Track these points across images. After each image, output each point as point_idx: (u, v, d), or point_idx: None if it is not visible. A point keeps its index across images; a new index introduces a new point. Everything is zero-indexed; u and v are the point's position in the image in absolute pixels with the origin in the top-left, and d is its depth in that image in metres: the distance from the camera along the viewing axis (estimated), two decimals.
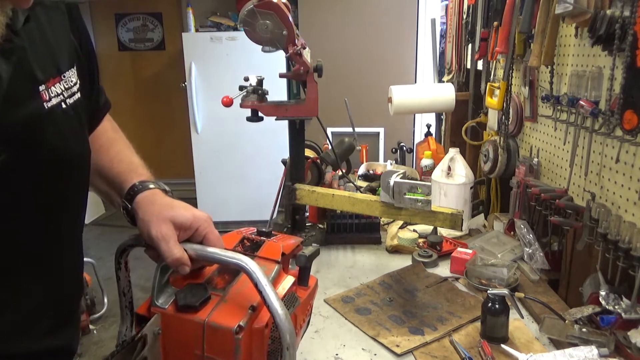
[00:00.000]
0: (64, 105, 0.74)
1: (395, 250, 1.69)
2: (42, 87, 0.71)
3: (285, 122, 1.69)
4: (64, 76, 0.75)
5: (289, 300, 0.78)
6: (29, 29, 0.69)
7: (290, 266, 0.87)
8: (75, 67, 0.78)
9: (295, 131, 1.71)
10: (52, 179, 0.74)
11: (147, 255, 0.82)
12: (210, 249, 0.77)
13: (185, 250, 0.77)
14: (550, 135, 1.62)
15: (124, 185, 0.87)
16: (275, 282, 0.77)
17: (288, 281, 0.80)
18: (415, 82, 4.20)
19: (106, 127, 0.97)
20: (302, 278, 0.85)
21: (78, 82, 0.79)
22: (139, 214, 0.82)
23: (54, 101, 0.73)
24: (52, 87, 0.73)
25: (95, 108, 0.91)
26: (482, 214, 2.01)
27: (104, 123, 0.96)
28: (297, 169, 1.74)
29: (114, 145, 0.95)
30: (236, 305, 0.73)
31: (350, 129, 2.00)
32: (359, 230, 1.78)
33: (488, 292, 1.18)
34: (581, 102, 1.29)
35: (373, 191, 2.05)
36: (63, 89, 0.75)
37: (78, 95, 0.78)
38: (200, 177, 4.60)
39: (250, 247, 0.85)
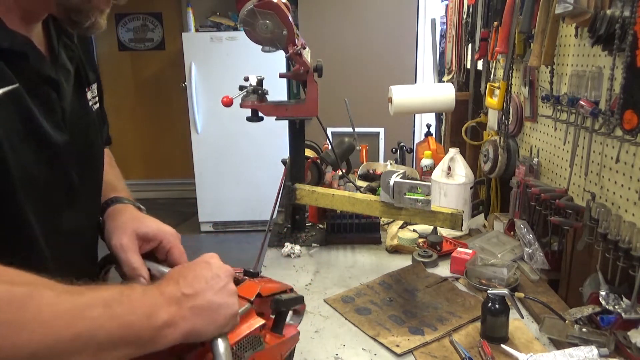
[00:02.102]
0: (94, 109, 0.88)
1: (395, 250, 1.69)
2: (86, 89, 0.85)
3: (285, 122, 1.69)
4: (92, 87, 0.88)
5: (249, 341, 0.71)
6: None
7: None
8: (96, 84, 0.91)
9: (295, 131, 1.71)
10: (89, 168, 0.84)
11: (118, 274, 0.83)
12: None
13: (149, 269, 0.75)
14: (550, 135, 1.62)
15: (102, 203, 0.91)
16: (241, 320, 0.71)
17: (256, 322, 0.73)
18: (415, 82, 4.20)
19: (105, 160, 1.02)
20: (276, 325, 0.78)
21: (97, 97, 0.91)
22: (105, 226, 0.84)
23: (90, 102, 0.86)
24: (89, 92, 0.86)
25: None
26: (482, 214, 2.01)
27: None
28: (297, 169, 1.74)
29: (106, 175, 1.00)
30: None
31: (350, 129, 2.00)
32: (359, 230, 1.78)
33: (488, 292, 1.18)
34: (581, 102, 1.29)
35: (373, 191, 2.05)
36: (92, 96, 0.87)
37: (97, 105, 0.90)
38: (200, 177, 4.60)
39: None
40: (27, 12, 0.70)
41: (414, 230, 1.77)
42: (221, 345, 0.62)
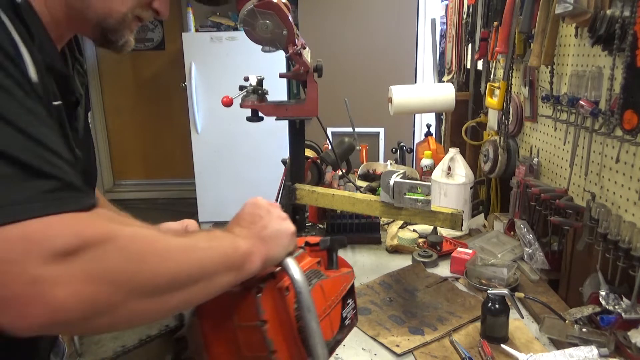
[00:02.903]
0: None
1: (395, 250, 1.69)
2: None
3: (285, 122, 1.69)
4: (88, 113, 0.92)
5: (312, 273, 0.80)
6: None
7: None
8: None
9: (295, 131, 1.71)
10: (88, 184, 0.88)
11: None
12: None
13: None
14: (550, 135, 1.62)
15: None
16: (299, 260, 0.80)
17: (310, 261, 0.83)
18: (415, 82, 4.19)
19: None
20: (329, 261, 0.88)
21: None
22: None
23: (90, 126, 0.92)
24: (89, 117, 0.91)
25: None
26: (482, 214, 2.01)
27: None
28: (297, 169, 1.74)
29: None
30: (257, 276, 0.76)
31: (350, 129, 2.00)
32: (359, 230, 1.78)
33: (488, 292, 1.18)
34: (581, 102, 1.29)
35: (373, 191, 2.05)
36: (90, 121, 0.92)
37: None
38: (200, 177, 4.60)
39: None
40: (58, 35, 0.74)
41: (414, 230, 1.77)
42: (291, 261, 0.73)
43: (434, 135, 2.73)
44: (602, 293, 1.13)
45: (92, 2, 0.73)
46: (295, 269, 0.72)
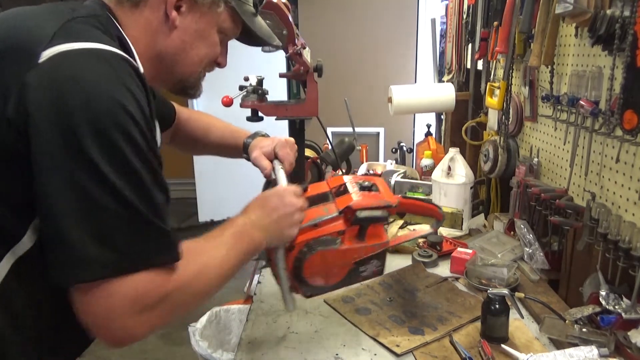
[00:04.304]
0: None
1: (395, 250, 1.69)
2: None
3: (285, 122, 1.69)
4: None
5: (323, 240, 1.00)
6: None
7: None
8: None
9: (295, 131, 1.71)
10: None
11: None
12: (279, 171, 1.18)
13: (273, 166, 1.19)
14: (550, 135, 1.62)
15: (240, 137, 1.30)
16: (324, 223, 1.02)
17: (334, 227, 1.01)
18: (415, 82, 4.19)
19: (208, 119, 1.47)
20: (358, 233, 1.03)
21: None
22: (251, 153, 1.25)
23: None
24: None
25: None
26: (482, 214, 2.01)
27: None
28: (297, 169, 1.73)
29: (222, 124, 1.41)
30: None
31: (350, 129, 2.00)
32: None
33: (488, 292, 1.18)
34: (581, 102, 1.29)
35: None
36: None
37: None
38: (200, 177, 4.60)
39: (337, 193, 1.09)
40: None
41: (414, 230, 1.76)
42: (280, 251, 1.00)
43: (434, 135, 2.73)
44: (602, 293, 1.13)
45: (177, 67, 0.93)
46: (280, 259, 1.00)
